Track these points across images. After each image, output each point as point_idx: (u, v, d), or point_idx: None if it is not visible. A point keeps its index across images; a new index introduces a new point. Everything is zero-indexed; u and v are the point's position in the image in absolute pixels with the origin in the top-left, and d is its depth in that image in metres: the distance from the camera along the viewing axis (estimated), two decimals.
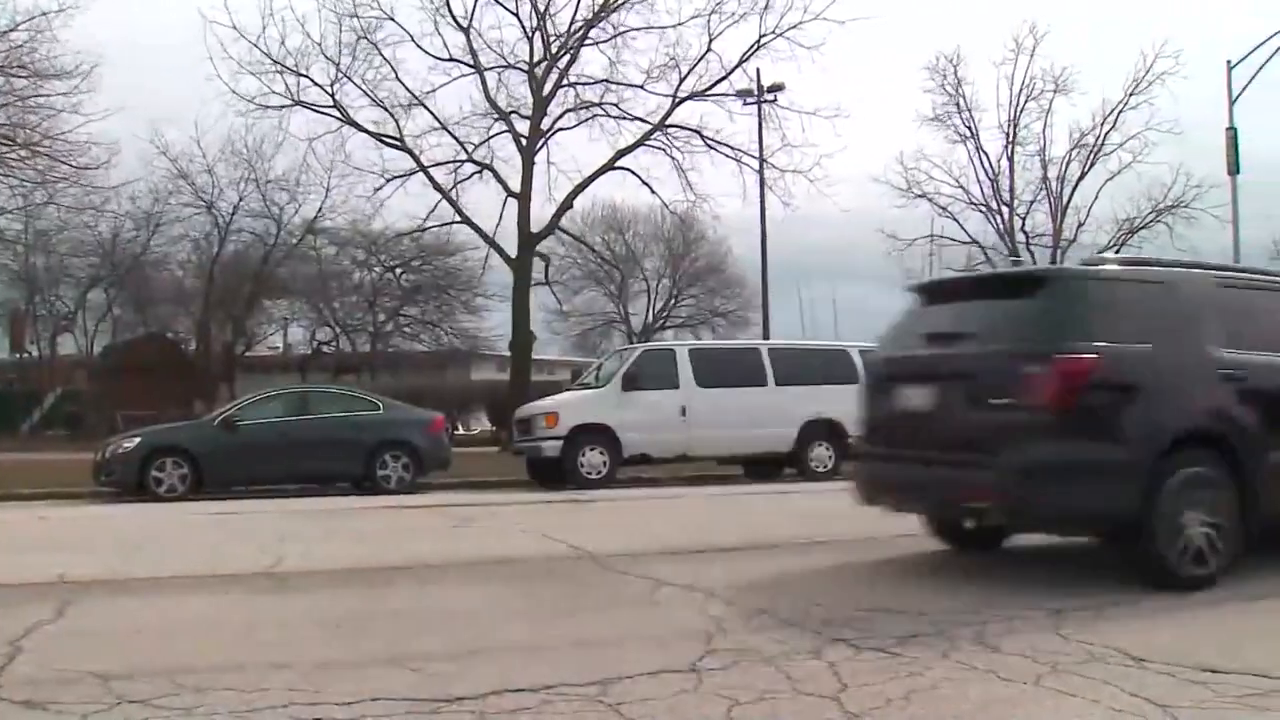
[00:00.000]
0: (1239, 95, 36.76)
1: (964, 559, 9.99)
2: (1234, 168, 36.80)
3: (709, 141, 33.70)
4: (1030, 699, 5.12)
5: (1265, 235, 64.14)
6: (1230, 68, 36.94)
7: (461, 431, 46.16)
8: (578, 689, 5.23)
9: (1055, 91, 37.14)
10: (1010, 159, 37.79)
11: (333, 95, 32.61)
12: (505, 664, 5.78)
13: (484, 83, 33.19)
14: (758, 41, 33.01)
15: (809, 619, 6.87)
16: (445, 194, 33.63)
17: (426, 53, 33.00)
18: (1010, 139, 37.70)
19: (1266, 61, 36.16)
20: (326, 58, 32.26)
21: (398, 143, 33.18)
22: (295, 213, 44.70)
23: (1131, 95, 36.59)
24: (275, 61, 31.89)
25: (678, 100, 33.55)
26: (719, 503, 16.95)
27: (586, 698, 5.11)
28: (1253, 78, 36.53)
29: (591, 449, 20.19)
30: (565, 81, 33.84)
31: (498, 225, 34.09)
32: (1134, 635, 6.30)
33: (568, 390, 23.76)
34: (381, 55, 32.31)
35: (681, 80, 33.41)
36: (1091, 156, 37.51)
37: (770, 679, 5.46)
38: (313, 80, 32.42)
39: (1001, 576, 8.88)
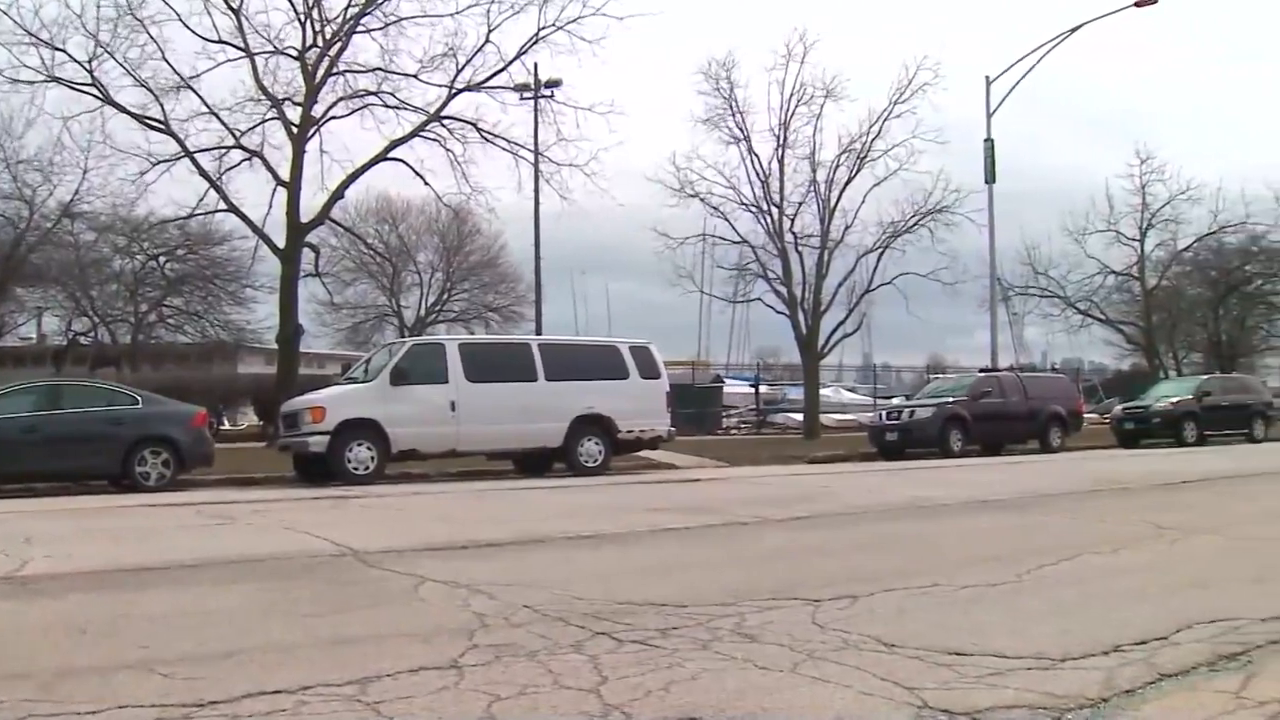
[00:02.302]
0: (996, 108, 38.69)
1: (729, 552, 10.24)
2: (991, 176, 38.69)
3: (485, 134, 33.48)
4: (786, 686, 5.25)
5: (1018, 240, 67.50)
6: (989, 83, 38.82)
7: (227, 427, 45.05)
8: (336, 689, 5.14)
9: (825, 97, 38.12)
10: (781, 162, 38.61)
11: (91, 72, 31.02)
12: (261, 666, 5.65)
13: (254, 67, 32.22)
14: (536, 34, 32.91)
15: (572, 613, 6.90)
16: (213, 181, 32.56)
17: (194, 33, 31.77)
18: (781, 142, 38.52)
19: (1022, 78, 38.17)
20: (86, 32, 30.62)
21: (163, 126, 31.87)
22: (49, 195, 42.36)
23: (896, 104, 37.85)
24: (28, 33, 30.21)
25: (454, 91, 33.22)
26: (487, 498, 16.91)
27: (345, 698, 5.02)
28: (1008, 93, 38.51)
29: (359, 444, 19.93)
30: (338, 69, 33.09)
31: (267, 214, 33.21)
32: (888, 624, 6.54)
33: (336, 384, 23.33)
34: (147, 33, 30.95)
35: (458, 71, 33.10)
36: (859, 161, 38.64)
37: (531, 673, 5.46)
38: (70, 55, 30.73)
39: (763, 569, 9.12)
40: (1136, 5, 36.84)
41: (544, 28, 32.84)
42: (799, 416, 41.45)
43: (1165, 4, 37.11)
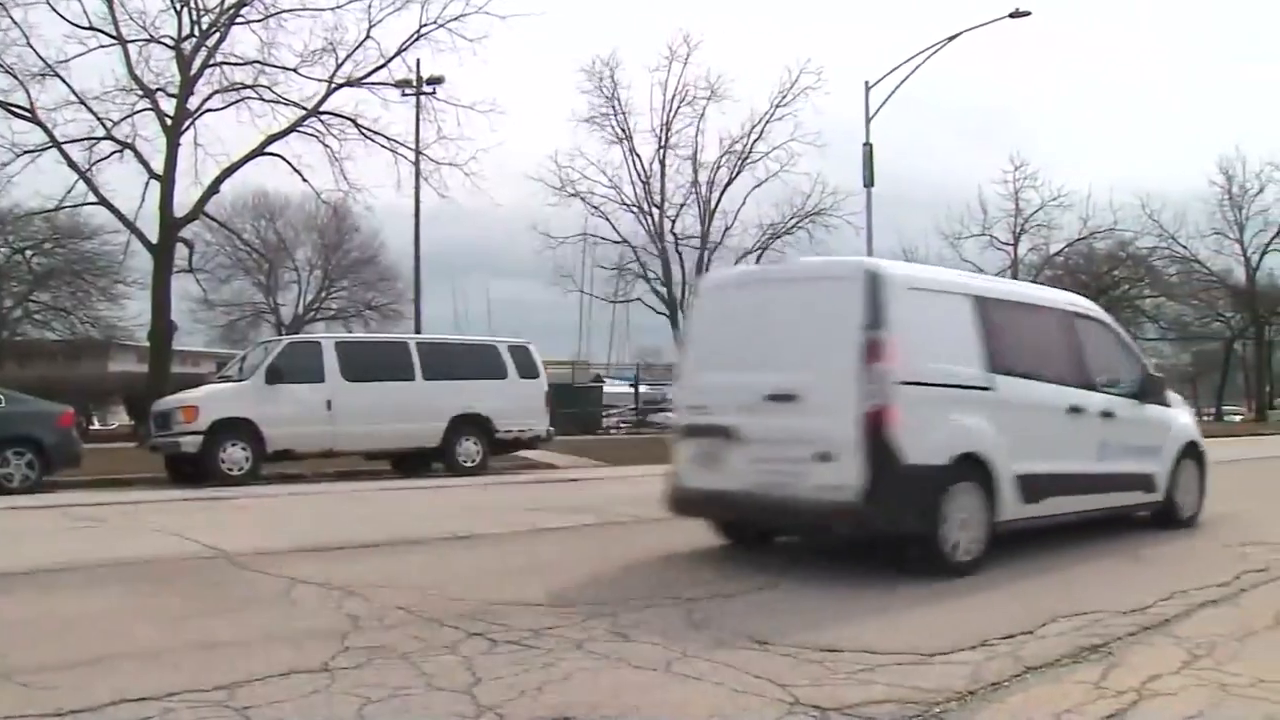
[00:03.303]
0: (875, 113, 39.23)
1: (605, 551, 10.25)
2: (869, 180, 39.25)
3: (364, 130, 33.08)
4: (659, 685, 5.30)
5: (895, 244, 68.58)
6: (868, 88, 39.37)
7: (96, 426, 43.91)
8: (203, 695, 5.07)
9: (708, 99, 38.39)
10: (662, 162, 38.87)
11: None
12: (127, 672, 5.54)
13: (127, 56, 31.33)
14: (418, 31, 32.65)
15: (447, 614, 6.88)
16: (82, 173, 31.62)
17: (63, 18, 30.72)
18: (663, 143, 38.77)
19: (900, 84, 38.76)
20: None
21: (28, 114, 30.88)
22: None
23: (778, 107, 38.25)
24: None
25: (334, 86, 32.75)
26: (363, 499, 16.72)
27: (212, 703, 4.96)
28: (887, 98, 39.06)
29: (233, 444, 19.54)
30: (214, 60, 32.35)
31: (139, 208, 32.34)
32: (761, 622, 6.64)
33: (210, 383, 22.88)
34: (10, 17, 30.00)
35: (338, 66, 32.66)
36: (740, 163, 38.97)
37: (404, 675, 5.45)
38: None
39: (640, 570, 9.16)
40: (1012, 16, 37.64)
41: (426, 25, 32.69)
42: None
43: (1040, 15, 38.00)
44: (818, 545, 10.26)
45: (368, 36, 32.51)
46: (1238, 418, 70.44)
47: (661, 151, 38.72)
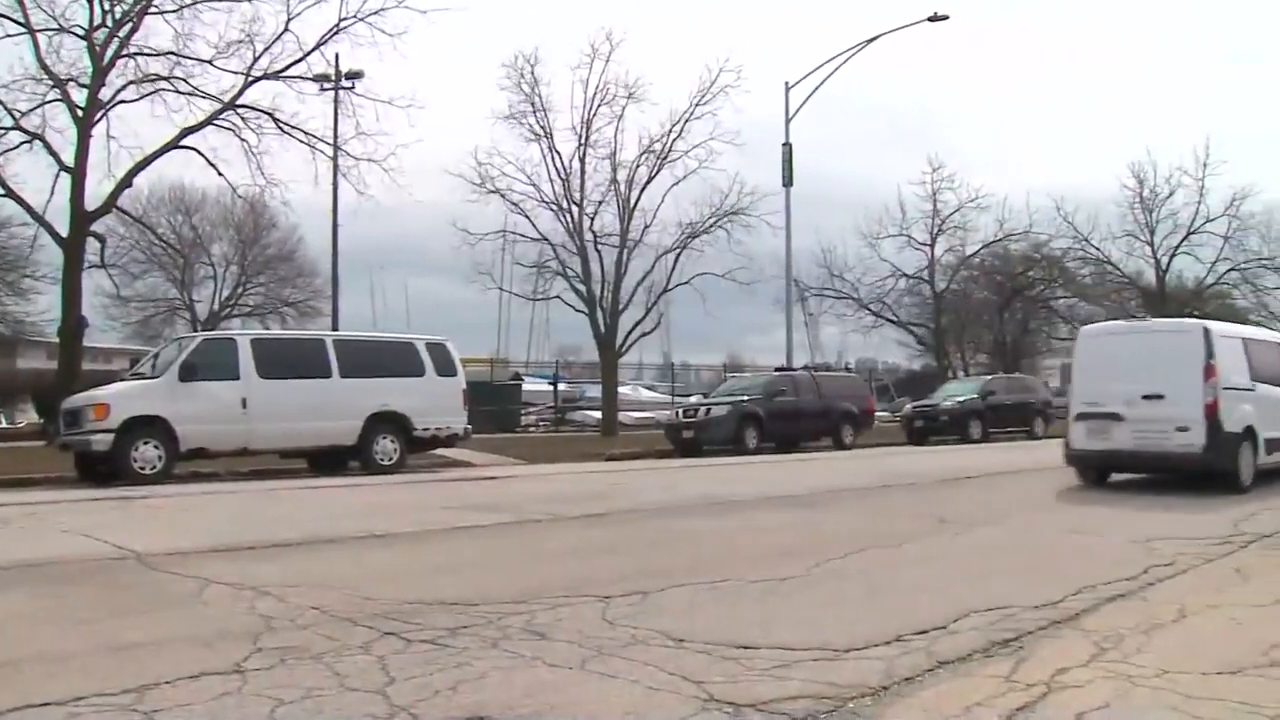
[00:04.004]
0: (795, 113, 39.56)
1: (521, 550, 10.22)
2: (788, 179, 39.54)
3: (282, 125, 32.62)
4: (575, 682, 5.28)
5: (815, 242, 69.23)
6: (788, 88, 39.67)
7: (4, 425, 43.17)
8: (111, 699, 4.97)
9: (628, 98, 38.29)
10: (582, 160, 38.58)
11: None
12: (31, 677, 5.42)
13: (36, 45, 30.66)
14: (337, 25, 32.23)
15: (361, 613, 6.82)
16: None
17: None
18: (582, 141, 38.51)
19: (820, 85, 39.13)
20: None
21: None
22: None
23: (698, 105, 38.22)
24: None
25: (251, 80, 32.22)
26: (279, 498, 16.51)
27: (120, 707, 4.86)
28: (807, 99, 39.44)
29: (145, 442, 19.24)
30: (127, 51, 31.75)
31: (49, 201, 31.58)
32: (678, 619, 6.62)
33: (122, 380, 22.50)
34: None
35: (255, 59, 32.13)
36: (659, 162, 38.90)
37: (317, 676, 5.37)
38: None
39: (556, 568, 9.13)
40: (931, 20, 38.11)
41: (345, 18, 32.28)
42: (598, 414, 41.57)
43: (960, 20, 38.51)
44: (746, 546, 10.30)
45: (286, 29, 32.08)
46: None
47: (581, 149, 38.53)
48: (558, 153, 38.61)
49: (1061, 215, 61.31)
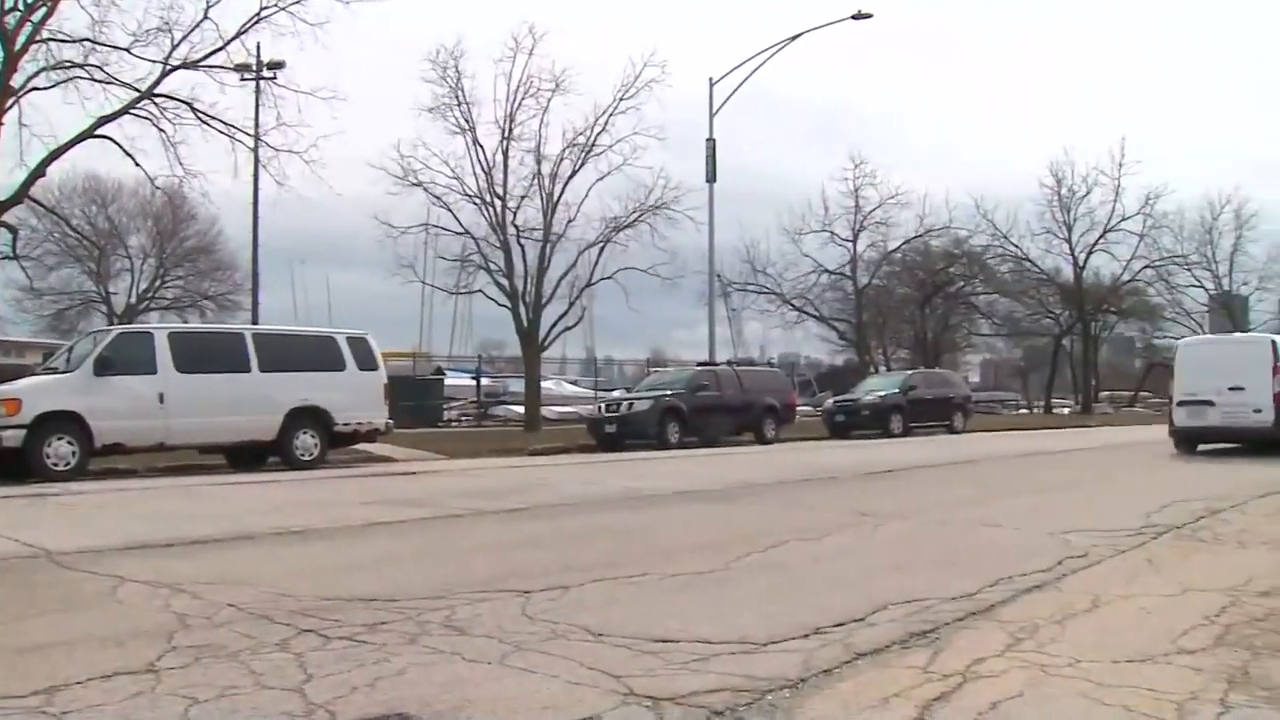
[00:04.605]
0: (719, 109, 39.68)
1: (441, 545, 10.17)
2: (712, 175, 39.66)
3: (201, 115, 32.04)
4: (493, 678, 5.25)
5: (738, 238, 69.54)
6: (712, 84, 39.79)
7: None
8: (19, 701, 4.87)
9: (553, 91, 38.18)
10: (505, 154, 38.41)
11: None
12: None
13: None
14: (258, 14, 31.68)
15: (278, 610, 6.75)
16: None
17: None
18: (506, 134, 38.35)
19: (744, 81, 39.30)
20: None
21: None
22: None
23: (622, 100, 38.21)
24: None
25: (169, 68, 31.60)
26: (196, 494, 16.29)
27: (29, 709, 4.75)
28: (731, 94, 39.56)
29: (59, 438, 18.92)
30: (41, 36, 31.10)
31: None
32: (597, 613, 6.62)
33: (34, 375, 22.10)
34: None
35: (174, 47, 31.53)
36: (583, 156, 38.83)
37: (233, 674, 5.30)
38: None
39: (477, 563, 9.10)
40: (854, 18, 38.39)
41: (266, 7, 31.72)
42: (520, 409, 41.46)
43: (884, 18, 38.90)
44: (667, 540, 10.32)
45: (205, 17, 31.42)
46: (1065, 410, 72.95)
47: (505, 143, 38.35)
48: (481, 146, 38.43)
49: (981, 213, 62.38)
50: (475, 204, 38.53)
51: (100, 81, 31.35)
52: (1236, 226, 72.51)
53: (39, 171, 32.14)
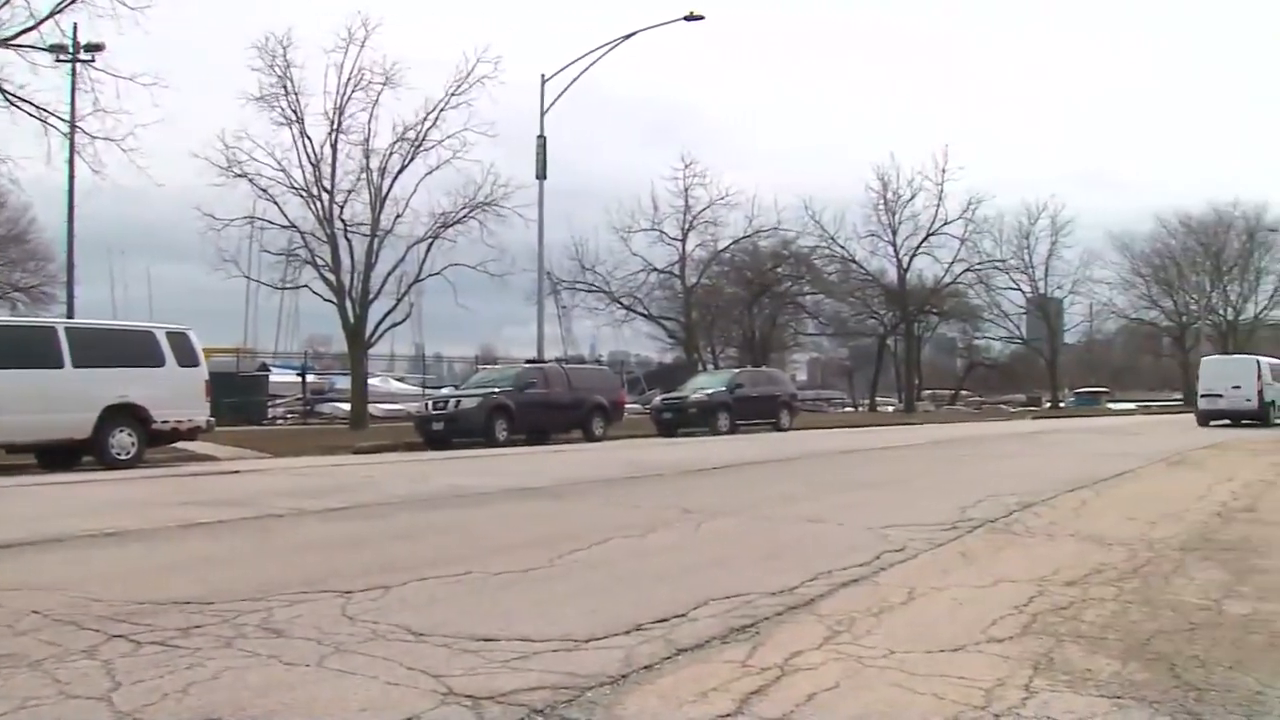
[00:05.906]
0: (550, 106, 39.70)
1: (261, 545, 9.98)
2: (542, 172, 39.70)
3: (10, 97, 30.82)
4: (311, 680, 5.16)
5: (568, 236, 69.67)
6: (544, 81, 39.80)
7: None
8: None
9: (384, 84, 37.77)
10: (334, 146, 37.89)
11: None
12: None
13: None
14: None
15: (87, 616, 6.53)
16: None
17: None
18: (335, 127, 37.82)
19: (576, 79, 39.40)
20: None
21: None
22: None
23: (454, 95, 37.98)
24: None
25: None
26: (2, 494, 15.72)
27: None
28: (562, 92, 39.66)
29: None
30: None
31: None
32: (419, 613, 6.56)
33: None
34: None
35: None
36: (413, 150, 38.50)
37: (35, 684, 5.11)
38: None
39: (296, 563, 8.94)
40: (687, 19, 38.80)
41: None
42: (347, 406, 40.96)
43: (717, 21, 39.46)
44: (492, 537, 10.28)
45: None
46: (890, 408, 74.86)
47: (333, 135, 37.82)
48: (309, 138, 37.88)
49: (809, 214, 63.72)
50: (302, 197, 37.98)
51: None
52: (1052, 233, 76.01)
53: None
